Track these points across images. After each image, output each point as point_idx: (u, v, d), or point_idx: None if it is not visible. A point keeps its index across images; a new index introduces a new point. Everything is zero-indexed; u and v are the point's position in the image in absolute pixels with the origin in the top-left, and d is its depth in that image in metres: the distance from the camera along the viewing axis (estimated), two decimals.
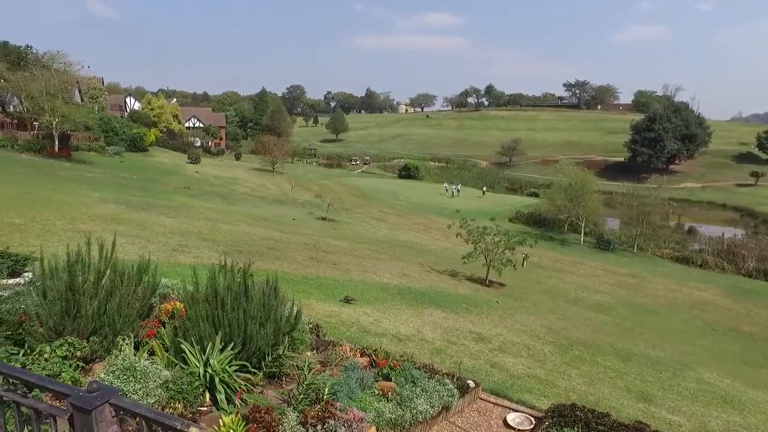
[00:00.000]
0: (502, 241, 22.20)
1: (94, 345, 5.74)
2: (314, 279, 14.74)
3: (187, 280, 7.77)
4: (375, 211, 45.96)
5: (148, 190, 30.84)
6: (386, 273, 18.63)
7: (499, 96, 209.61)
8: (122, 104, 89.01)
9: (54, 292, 5.85)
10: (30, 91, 37.77)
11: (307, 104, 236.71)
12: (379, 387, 6.13)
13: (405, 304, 13.80)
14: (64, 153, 37.77)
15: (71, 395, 1.85)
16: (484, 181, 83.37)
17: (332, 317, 10.37)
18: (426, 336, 10.86)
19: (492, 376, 8.73)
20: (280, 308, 5.97)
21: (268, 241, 20.07)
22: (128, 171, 39.36)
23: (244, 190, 44.89)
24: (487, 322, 13.63)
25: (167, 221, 19.96)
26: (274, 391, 5.74)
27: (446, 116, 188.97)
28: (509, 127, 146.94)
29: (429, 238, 36.46)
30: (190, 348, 5.40)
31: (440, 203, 54.85)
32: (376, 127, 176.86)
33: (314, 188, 51.29)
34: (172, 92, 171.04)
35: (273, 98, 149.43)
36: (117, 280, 6.27)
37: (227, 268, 6.08)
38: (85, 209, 19.05)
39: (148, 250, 12.35)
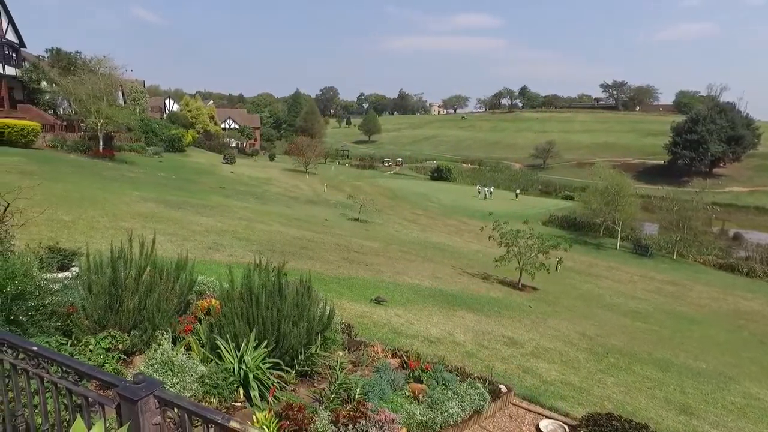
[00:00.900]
0: (535, 244, 21.85)
1: (134, 338, 5.92)
2: (346, 279, 14.84)
3: (222, 278, 7.95)
4: (407, 212, 45.95)
5: (185, 190, 31.68)
6: (418, 275, 18.59)
7: (533, 97, 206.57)
8: (162, 106, 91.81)
9: (98, 287, 6.06)
10: (78, 94, 39.34)
11: (340, 106, 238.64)
12: (411, 389, 6.12)
13: (436, 306, 13.74)
14: (107, 153, 39.19)
15: (119, 386, 1.92)
16: (518, 183, 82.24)
17: (364, 318, 10.42)
18: (457, 339, 10.79)
19: (524, 381, 8.60)
20: (313, 307, 6.03)
21: (300, 241, 20.32)
22: (166, 171, 40.52)
23: (278, 190, 45.59)
24: (520, 327, 13.43)
25: (203, 220, 20.46)
26: (306, 389, 5.80)
27: (479, 118, 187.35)
28: (543, 129, 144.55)
29: (461, 241, 36.20)
30: (225, 344, 5.51)
31: (472, 205, 54.39)
32: (408, 128, 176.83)
33: (346, 189, 51.65)
34: (209, 94, 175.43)
35: (307, 100, 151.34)
36: (156, 277, 6.45)
37: (262, 266, 6.19)
38: (126, 207, 19.72)
39: (184, 248, 12.69)
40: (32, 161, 26.55)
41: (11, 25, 44.05)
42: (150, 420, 1.90)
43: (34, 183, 13.78)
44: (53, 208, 16.07)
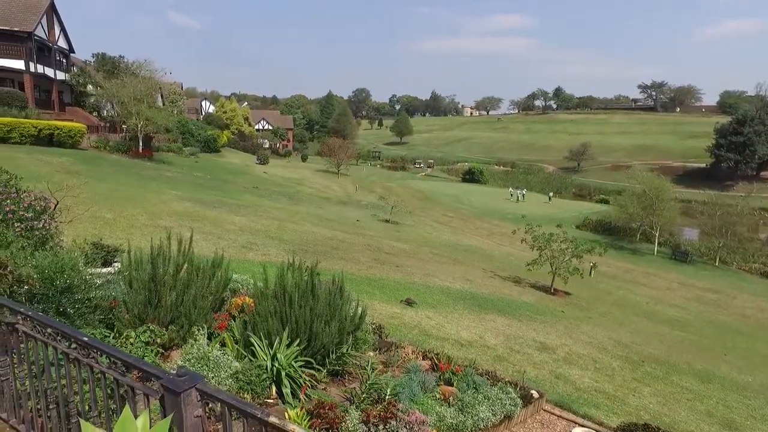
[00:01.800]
0: (569, 248, 21.43)
1: (172, 333, 6.10)
2: (377, 280, 14.89)
3: (255, 277, 8.11)
4: (438, 214, 45.75)
5: (220, 190, 32.40)
6: (448, 277, 18.49)
7: (568, 99, 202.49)
8: (198, 108, 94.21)
9: (139, 283, 6.27)
10: (120, 96, 40.79)
11: (372, 107, 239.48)
12: (441, 391, 6.10)
13: (467, 309, 13.65)
14: (146, 153, 40.46)
15: (163, 378, 2.00)
16: (551, 186, 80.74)
17: (394, 319, 10.44)
18: (488, 342, 10.69)
19: (556, 387, 8.45)
20: (345, 307, 6.09)
21: (332, 241, 20.51)
22: (202, 171, 41.53)
23: (310, 191, 46.11)
24: (552, 332, 13.20)
25: (237, 219, 20.89)
26: (337, 388, 5.85)
27: (512, 119, 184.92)
28: (578, 131, 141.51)
29: (492, 243, 35.81)
30: (258, 342, 5.61)
31: (504, 208, 53.72)
32: (440, 130, 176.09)
33: (378, 190, 51.81)
34: (244, 96, 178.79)
35: (339, 101, 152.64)
36: (193, 274, 6.63)
37: (295, 266, 6.28)
38: (164, 206, 20.32)
39: (219, 246, 12.98)
40: (78, 161, 27.66)
41: (63, 33, 46.05)
42: (192, 412, 1.97)
43: (80, 182, 14.35)
44: (96, 206, 16.70)
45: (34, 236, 6.98)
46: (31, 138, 29.57)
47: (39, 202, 7.58)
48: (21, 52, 39.22)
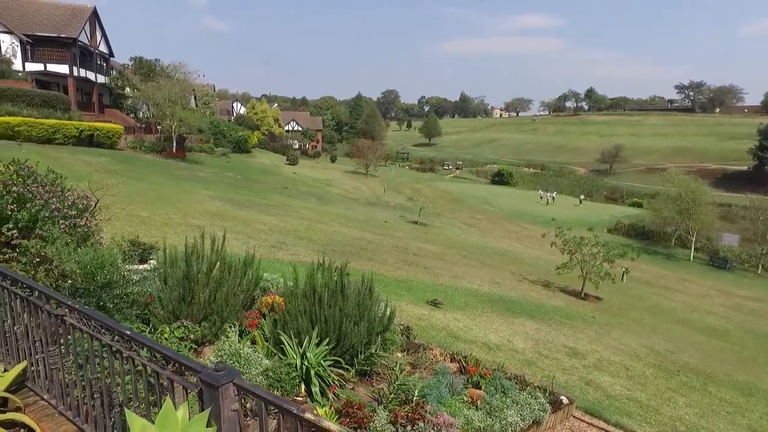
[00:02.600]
0: (600, 252, 20.98)
1: (204, 330, 6.24)
2: (405, 281, 14.89)
3: (285, 276, 8.22)
4: (466, 216, 45.44)
5: (250, 189, 32.95)
6: (476, 279, 18.35)
7: (600, 100, 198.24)
8: (230, 109, 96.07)
9: (173, 280, 6.43)
10: (156, 98, 42.01)
11: (401, 108, 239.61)
12: (469, 394, 6.06)
13: (495, 312, 13.52)
14: (180, 154, 41.51)
15: (202, 372, 2.06)
16: (582, 189, 79.18)
17: (422, 320, 10.43)
18: (517, 346, 10.57)
19: (587, 394, 8.29)
20: (374, 308, 6.12)
21: (360, 242, 20.60)
22: (233, 171, 42.31)
23: (339, 191, 46.43)
24: (582, 337, 12.95)
25: (267, 219, 21.20)
26: (365, 388, 5.88)
27: (542, 121, 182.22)
28: (611, 133, 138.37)
29: (521, 246, 35.35)
30: (288, 340, 5.69)
31: (534, 210, 52.95)
32: (469, 131, 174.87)
33: (406, 192, 51.80)
34: (274, 97, 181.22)
35: (368, 102, 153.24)
36: (225, 272, 6.77)
37: (325, 266, 6.34)
38: (196, 205, 20.80)
39: (249, 245, 13.21)
40: (116, 161, 28.58)
41: (104, 38, 47.76)
42: (229, 406, 2.02)
43: (118, 181, 14.83)
44: (133, 204, 17.22)
45: (77, 233, 7.23)
46: (74, 139, 30.72)
47: (81, 200, 7.85)
48: (66, 57, 40.87)
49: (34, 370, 3.54)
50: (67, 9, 43.84)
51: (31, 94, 33.19)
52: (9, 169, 6.85)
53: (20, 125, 27.76)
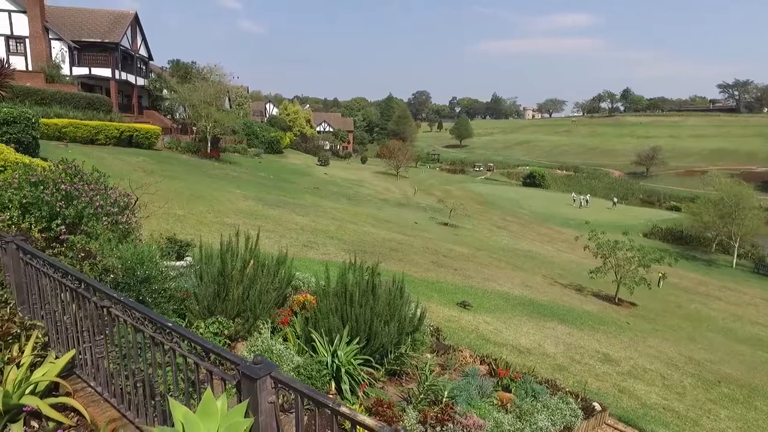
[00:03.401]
0: (635, 257, 20.43)
1: (238, 326, 6.38)
2: (435, 283, 14.86)
3: (317, 275, 8.33)
4: (497, 218, 44.94)
5: (282, 189, 33.43)
6: (507, 282, 18.15)
7: (637, 100, 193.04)
8: (263, 110, 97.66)
9: (208, 276, 6.60)
10: (192, 100, 43.08)
11: (431, 110, 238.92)
12: (499, 397, 6.02)
13: (526, 316, 13.34)
14: (214, 154, 42.45)
15: (240, 364, 2.13)
16: (616, 192, 77.18)
17: (452, 322, 10.39)
18: (547, 350, 10.41)
19: (620, 401, 8.10)
20: (404, 308, 6.14)
21: (390, 243, 20.65)
22: (265, 171, 43.00)
23: (369, 192, 46.59)
24: (616, 343, 12.65)
25: (298, 219, 21.48)
26: (394, 388, 5.91)
27: (576, 122, 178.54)
28: (648, 134, 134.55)
29: (553, 250, 34.72)
30: (319, 338, 5.77)
31: (566, 213, 51.95)
32: (501, 133, 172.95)
33: (436, 193, 51.59)
34: (306, 99, 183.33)
35: (399, 104, 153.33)
36: (258, 270, 6.90)
37: (356, 265, 6.40)
38: (229, 204, 21.25)
39: (281, 244, 13.43)
40: (153, 161, 29.46)
41: (144, 42, 49.40)
42: (266, 398, 2.09)
43: (155, 180, 15.29)
44: (169, 203, 17.72)
45: (118, 230, 7.50)
46: (114, 139, 31.84)
47: (123, 198, 8.15)
48: (109, 61, 42.51)
49: (82, 359, 3.71)
50: (110, 15, 45.56)
51: (77, 97, 34.65)
52: (58, 168, 7.17)
53: (67, 126, 28.98)
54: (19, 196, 6.51)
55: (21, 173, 6.90)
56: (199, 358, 2.40)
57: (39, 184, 6.76)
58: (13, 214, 6.42)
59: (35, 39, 39.35)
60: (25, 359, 3.52)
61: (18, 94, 26.67)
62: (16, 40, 39.49)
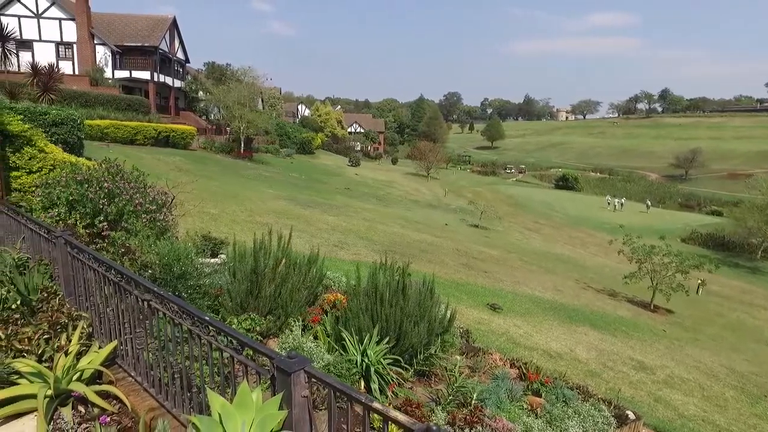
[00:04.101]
0: (672, 262, 19.80)
1: (269, 323, 6.49)
2: (464, 285, 14.77)
3: (347, 274, 8.41)
4: (528, 221, 44.29)
5: (313, 189, 33.80)
6: (538, 285, 17.87)
7: (676, 101, 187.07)
8: (295, 111, 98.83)
9: (241, 274, 6.73)
10: (226, 101, 44.07)
11: (463, 111, 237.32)
12: (528, 401, 5.94)
13: (557, 320, 13.12)
14: (247, 154, 43.29)
15: (275, 358, 2.19)
16: (652, 195, 74.90)
17: (481, 324, 10.31)
18: (579, 356, 10.21)
19: (656, 411, 7.88)
20: (434, 309, 6.13)
21: (420, 244, 20.62)
22: (297, 171, 43.55)
23: (399, 193, 46.62)
24: (651, 351, 12.30)
25: (329, 219, 21.68)
26: (423, 388, 5.91)
27: (611, 124, 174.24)
28: (687, 136, 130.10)
29: (586, 254, 33.99)
30: (349, 337, 5.82)
31: (600, 217, 50.77)
32: (533, 134, 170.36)
33: (467, 195, 51.22)
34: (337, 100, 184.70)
35: (430, 105, 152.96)
36: (290, 269, 7.01)
37: (387, 266, 6.43)
38: (262, 204, 21.61)
39: (312, 244, 13.59)
40: (189, 161, 30.25)
41: (181, 45, 50.87)
42: (300, 392, 2.14)
43: (191, 180, 15.72)
44: (203, 202, 18.18)
45: (156, 227, 7.77)
46: (152, 139, 32.88)
47: (160, 196, 8.42)
48: (148, 64, 43.97)
49: (123, 349, 3.88)
50: (150, 19, 47.11)
51: (118, 99, 35.99)
52: (101, 167, 7.47)
53: (108, 127, 30.12)
54: (66, 194, 6.81)
55: (68, 172, 7.22)
56: (235, 352, 2.48)
57: (84, 183, 7.06)
58: (61, 210, 6.73)
59: (82, 44, 41.11)
60: (72, 348, 3.70)
61: (65, 96, 27.84)
62: (65, 46, 41.38)
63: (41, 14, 40.85)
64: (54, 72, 21.70)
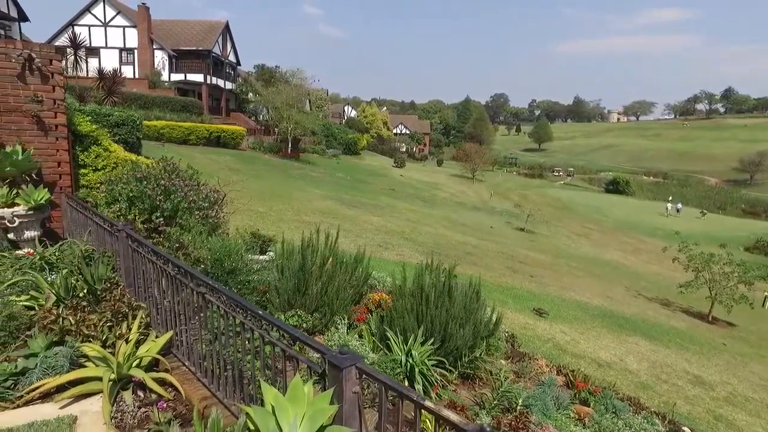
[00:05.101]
0: (734, 272, 18.70)
1: (315, 320, 6.60)
2: (510, 289, 14.50)
3: (392, 275, 8.43)
4: (577, 225, 43.02)
5: (358, 190, 34.07)
6: (586, 292, 17.33)
7: (741, 101, 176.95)
8: (341, 112, 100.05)
9: (289, 271, 6.87)
10: (274, 102, 45.14)
11: (510, 113, 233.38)
12: (576, 410, 5.77)
13: (605, 328, 12.67)
14: (294, 154, 44.17)
15: (327, 353, 2.23)
16: (711, 200, 71.10)
17: (527, 329, 10.10)
18: (629, 366, 9.82)
19: (716, 430, 7.47)
20: (480, 312, 6.06)
21: (465, 246, 20.41)
22: (343, 172, 44.02)
23: (444, 195, 46.33)
24: (709, 366, 11.66)
25: (374, 219, 21.80)
26: (467, 392, 5.85)
27: (666, 126, 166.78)
28: (754, 138, 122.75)
29: (637, 260, 32.66)
30: (394, 337, 5.83)
31: (653, 222, 48.66)
32: (582, 137, 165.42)
33: (513, 198, 50.30)
34: (383, 101, 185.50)
35: (476, 106, 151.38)
36: (337, 267, 7.10)
37: (432, 267, 6.41)
38: (308, 203, 21.99)
39: (357, 243, 13.71)
40: (238, 160, 31.17)
41: (233, 48, 52.60)
42: (351, 388, 2.16)
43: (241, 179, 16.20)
44: (252, 201, 18.67)
45: (208, 223, 8.04)
46: (204, 139, 34.13)
47: (213, 194, 8.72)
48: (202, 67, 45.72)
49: (178, 340, 4.04)
50: (205, 24, 48.96)
51: (173, 101, 37.64)
52: (159, 165, 7.81)
53: (164, 128, 31.52)
54: (127, 190, 7.16)
55: (129, 170, 7.60)
56: (287, 345, 2.54)
57: (143, 180, 7.41)
58: (122, 206, 7.08)
59: (142, 49, 43.33)
60: (132, 336, 3.90)
61: (126, 99, 29.37)
62: (127, 52, 43.77)
63: (108, 23, 43.38)
64: (117, 76, 22.97)
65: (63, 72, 7.32)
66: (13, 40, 10.53)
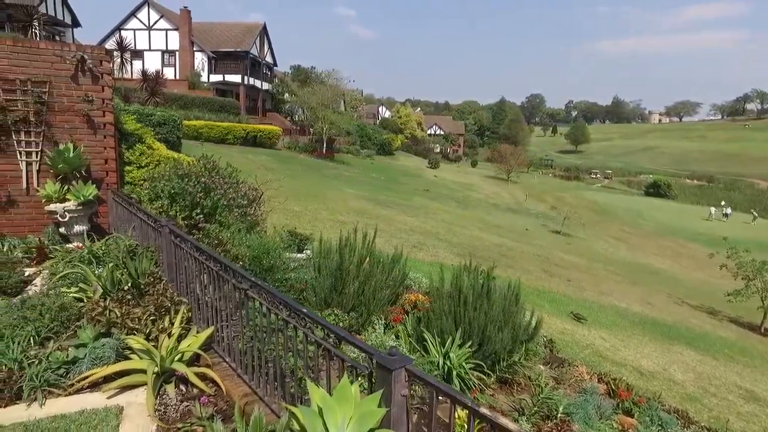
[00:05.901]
0: None
1: (352, 320, 6.57)
2: (546, 293, 14.18)
3: (428, 276, 8.33)
4: (615, 229, 41.80)
5: (392, 190, 34.04)
6: (625, 297, 16.78)
7: None
8: (375, 113, 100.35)
9: (326, 270, 6.88)
10: (310, 103, 45.62)
11: (546, 114, 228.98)
12: (619, 421, 5.55)
13: (647, 336, 12.22)
14: (329, 154, 44.51)
15: (375, 354, 2.18)
16: (761, 205, 67.83)
17: (564, 335, 9.83)
18: (674, 377, 9.42)
19: None
20: (518, 315, 5.92)
21: (500, 248, 20.09)
22: (376, 172, 44.07)
23: (479, 196, 45.81)
24: (763, 380, 11.08)
25: (408, 219, 21.72)
26: (505, 396, 5.71)
27: (711, 126, 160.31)
28: None
29: (679, 267, 31.45)
30: (431, 338, 5.75)
31: (696, 227, 46.80)
32: (621, 138, 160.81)
33: (549, 200, 49.31)
34: (417, 102, 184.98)
35: (511, 107, 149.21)
36: (374, 267, 7.07)
37: (470, 268, 6.30)
38: (342, 203, 22.08)
39: (391, 244, 13.66)
40: (274, 160, 31.62)
41: (270, 50, 53.50)
42: (399, 390, 2.10)
43: (277, 178, 16.37)
44: (288, 199, 18.86)
45: (247, 221, 8.15)
46: (241, 139, 34.81)
47: (251, 192, 8.84)
48: (239, 68, 46.69)
49: (219, 336, 4.07)
50: (243, 26, 50.01)
51: (212, 102, 38.55)
52: (199, 163, 7.96)
53: (203, 127, 32.31)
54: (169, 187, 7.32)
55: (171, 167, 7.77)
56: (332, 345, 2.50)
57: (184, 177, 7.56)
58: (164, 202, 7.25)
59: (183, 52, 44.62)
60: (174, 330, 3.96)
61: (167, 99, 30.25)
62: (169, 54, 45.20)
63: (152, 26, 44.88)
64: (159, 78, 23.73)
65: (111, 73, 7.56)
66: (68, 43, 10.97)
